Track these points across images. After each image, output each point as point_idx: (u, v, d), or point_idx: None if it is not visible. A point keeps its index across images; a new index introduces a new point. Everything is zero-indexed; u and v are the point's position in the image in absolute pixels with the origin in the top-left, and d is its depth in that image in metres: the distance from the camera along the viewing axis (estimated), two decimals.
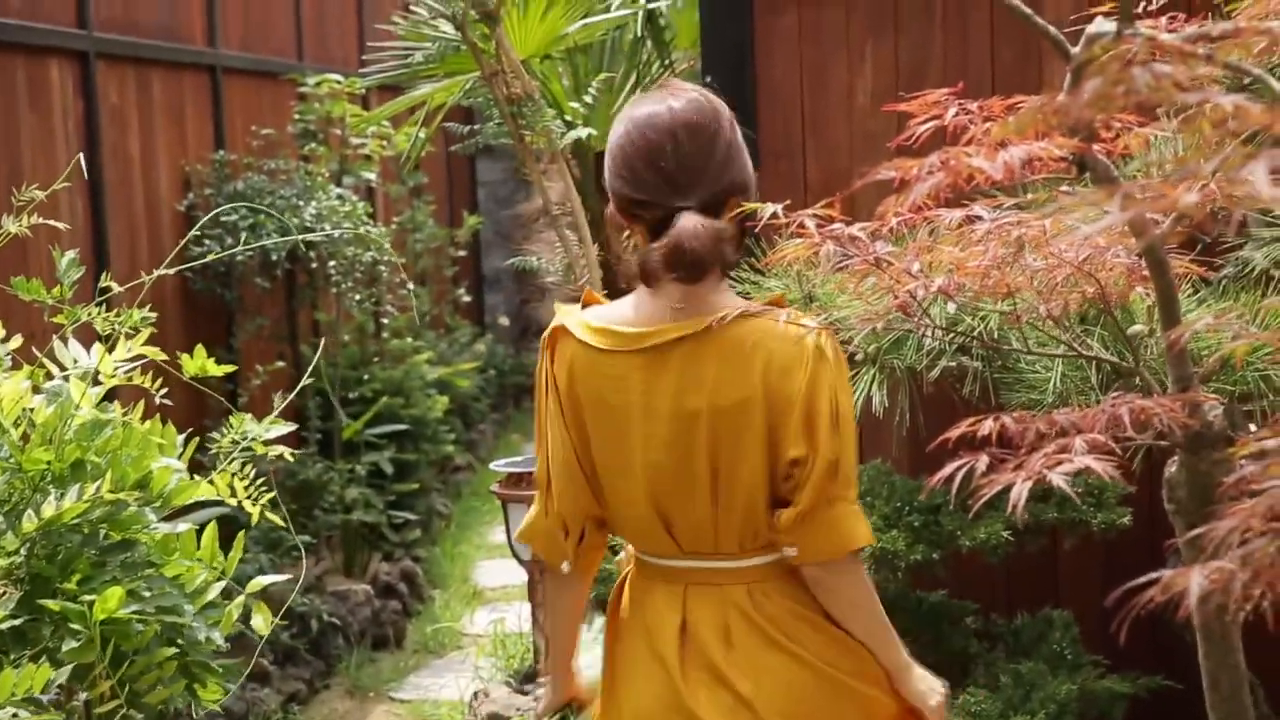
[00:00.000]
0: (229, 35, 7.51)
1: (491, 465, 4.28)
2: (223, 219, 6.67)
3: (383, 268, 7.69)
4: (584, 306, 2.71)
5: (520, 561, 4.22)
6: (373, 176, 8.05)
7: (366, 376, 8.02)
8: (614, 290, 4.59)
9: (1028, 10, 1.86)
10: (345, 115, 7.75)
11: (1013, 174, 1.73)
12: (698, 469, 2.57)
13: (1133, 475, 3.73)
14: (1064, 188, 2.09)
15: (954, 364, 3.69)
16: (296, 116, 7.77)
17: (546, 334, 2.68)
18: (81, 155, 3.48)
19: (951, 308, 2.44)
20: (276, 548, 6.35)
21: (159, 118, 6.59)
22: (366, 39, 9.66)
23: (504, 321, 12.49)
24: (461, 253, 10.51)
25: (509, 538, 4.27)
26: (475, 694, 5.98)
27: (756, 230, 2.52)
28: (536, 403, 2.71)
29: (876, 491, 4.06)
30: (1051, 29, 1.87)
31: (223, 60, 7.29)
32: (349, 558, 7.57)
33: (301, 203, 6.96)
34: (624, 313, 2.63)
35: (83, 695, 3.16)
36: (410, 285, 6.19)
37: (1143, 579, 1.64)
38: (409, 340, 8.47)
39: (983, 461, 1.95)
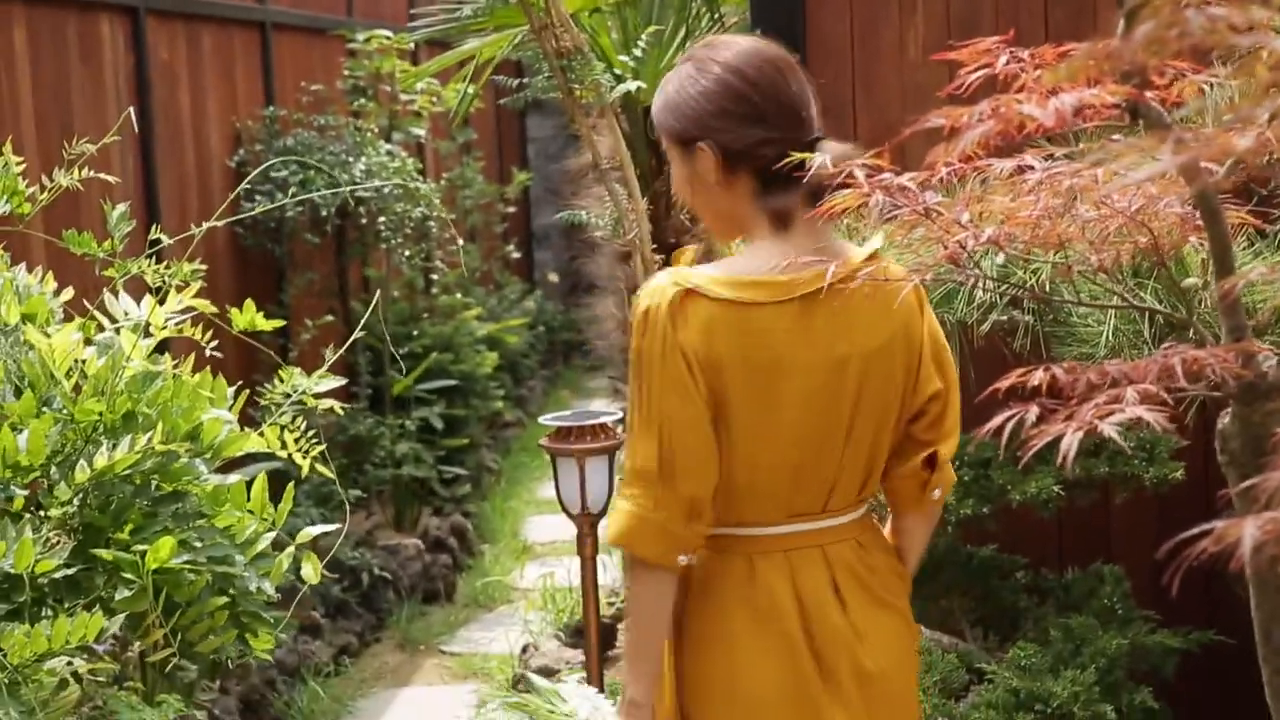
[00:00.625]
0: None
1: (541, 419, 4.29)
2: (273, 174, 6.70)
3: (432, 224, 7.70)
4: (678, 265, 2.63)
5: (570, 516, 4.22)
6: (422, 132, 8.05)
7: (416, 332, 8.04)
8: (662, 245, 4.58)
9: None
10: (395, 71, 7.75)
11: (1064, 121, 1.72)
12: (840, 417, 2.56)
13: (1186, 429, 3.73)
14: (1115, 136, 2.07)
15: (1004, 318, 3.67)
16: (346, 72, 7.78)
17: (664, 301, 2.49)
18: (132, 109, 3.49)
19: (1000, 259, 2.42)
20: (327, 502, 6.39)
21: (209, 74, 6.61)
22: None
23: (553, 278, 12.49)
24: (511, 209, 10.51)
25: (558, 492, 4.28)
26: (525, 647, 6.02)
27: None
28: (643, 383, 2.50)
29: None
30: None
31: (272, 16, 7.30)
32: (399, 512, 7.61)
33: (351, 159, 6.97)
34: (759, 264, 2.51)
35: (137, 646, 3.20)
36: (460, 241, 6.17)
37: (1195, 530, 1.63)
38: (458, 296, 8.49)
39: (1032, 412, 1.93)
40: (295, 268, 7.14)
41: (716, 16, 5.05)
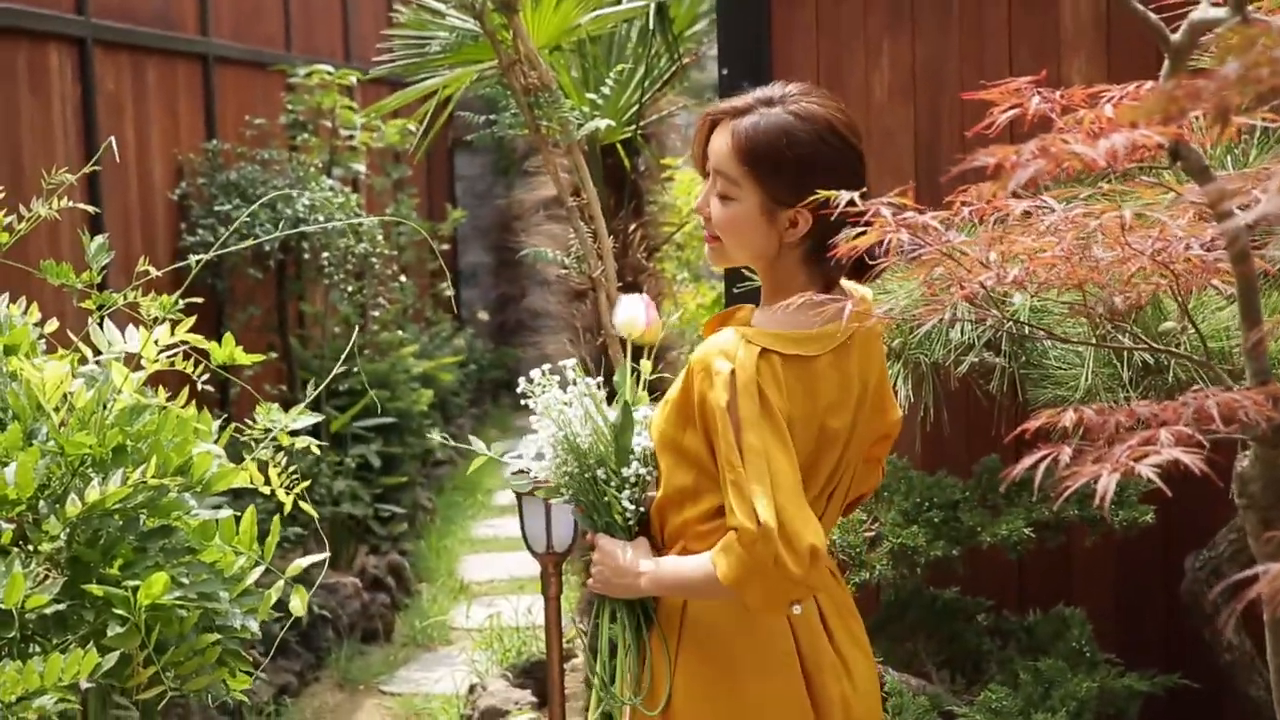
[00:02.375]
0: (220, 23, 7.45)
1: (503, 458, 4.24)
2: (216, 209, 6.63)
3: (374, 260, 7.65)
4: (722, 323, 2.75)
5: (535, 555, 4.18)
6: (362, 168, 8.01)
7: (355, 369, 7.98)
8: (630, 284, 4.58)
9: None
10: (335, 106, 7.71)
11: (1115, 160, 1.72)
12: (844, 451, 2.71)
13: (1194, 473, 3.75)
14: (1143, 177, 2.08)
15: (978, 360, 3.68)
16: (288, 107, 7.72)
17: (750, 362, 2.54)
18: (113, 140, 3.44)
19: (1017, 299, 2.42)
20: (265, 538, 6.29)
21: (153, 106, 6.54)
22: (352, 31, 9.64)
23: (483, 316, 12.45)
24: (444, 246, 10.47)
25: (523, 531, 4.23)
26: (472, 687, 5.96)
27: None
28: (743, 441, 2.53)
29: (894, 487, 4.05)
30: (1151, 14, 1.85)
31: (215, 49, 7.24)
32: (336, 550, 7.53)
33: (294, 193, 6.91)
34: (808, 319, 2.59)
35: (83, 684, 3.13)
36: (403, 278, 6.14)
37: (1249, 572, 1.63)
38: (397, 333, 8.43)
39: (1066, 453, 1.94)
40: (235, 303, 7.06)
41: (676, 56, 5.06)
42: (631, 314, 2.89)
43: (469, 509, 9.20)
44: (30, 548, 2.58)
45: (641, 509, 2.78)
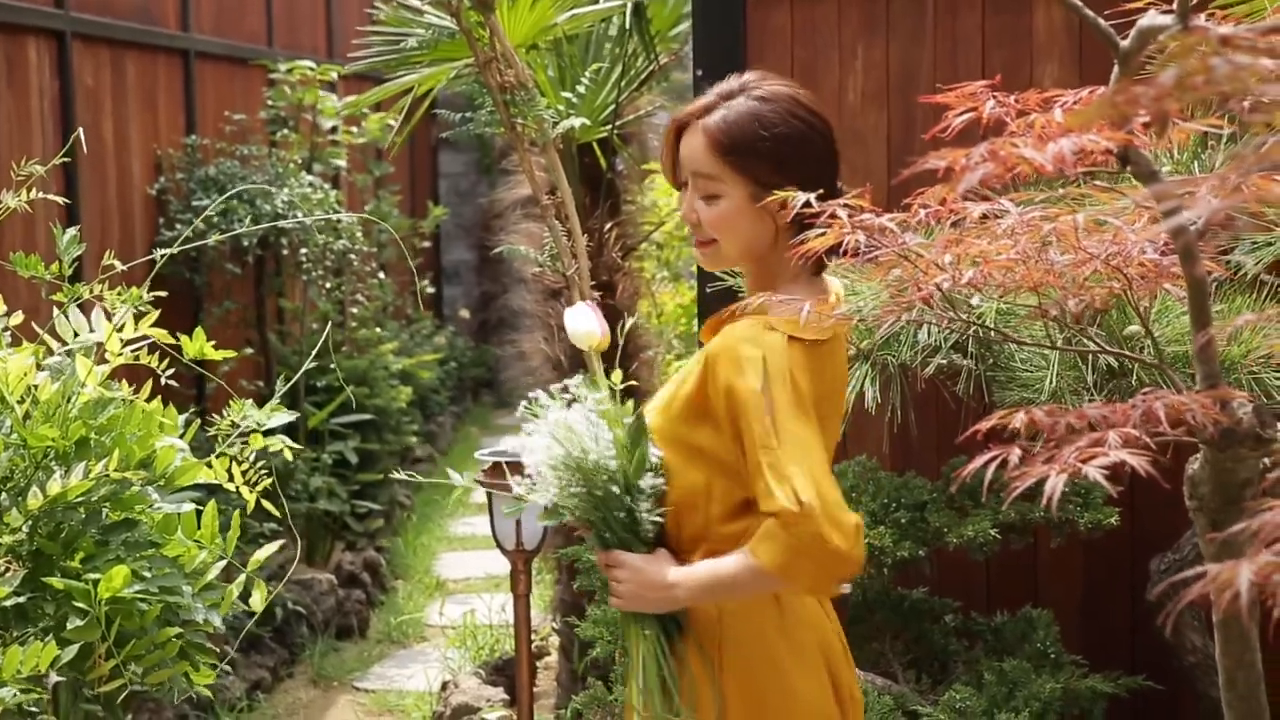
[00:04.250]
0: (201, 19, 7.45)
1: (477, 454, 4.26)
2: (194, 203, 6.63)
3: (353, 256, 7.65)
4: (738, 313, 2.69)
5: (505, 552, 4.20)
6: (343, 164, 8.01)
7: (332, 365, 7.98)
8: (596, 281, 4.58)
9: (1077, 2, 1.87)
10: (316, 102, 7.71)
11: (1064, 164, 1.74)
12: (832, 441, 2.75)
13: (1122, 474, 3.77)
14: (1096, 181, 2.10)
15: (945, 361, 3.70)
16: (269, 103, 7.73)
17: (778, 347, 2.55)
18: (80, 131, 3.44)
19: (976, 300, 2.44)
20: (244, 534, 6.29)
21: (132, 101, 6.54)
22: (335, 27, 9.64)
23: (464, 314, 12.46)
24: (426, 244, 10.47)
25: (493, 528, 4.26)
26: (444, 684, 5.97)
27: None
28: (779, 425, 2.52)
29: (862, 488, 4.07)
30: (1101, 21, 1.87)
31: (195, 44, 7.24)
32: (312, 547, 7.54)
33: (273, 189, 6.91)
34: (806, 306, 2.57)
35: (52, 678, 3.14)
36: (381, 275, 6.16)
37: (1191, 572, 1.64)
38: (376, 330, 8.44)
39: (1015, 454, 1.95)
40: (213, 297, 7.06)
41: (653, 56, 5.07)
42: (586, 327, 2.84)
43: (447, 507, 9.20)
44: None
45: (661, 519, 2.68)
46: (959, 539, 3.87)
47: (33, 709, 2.88)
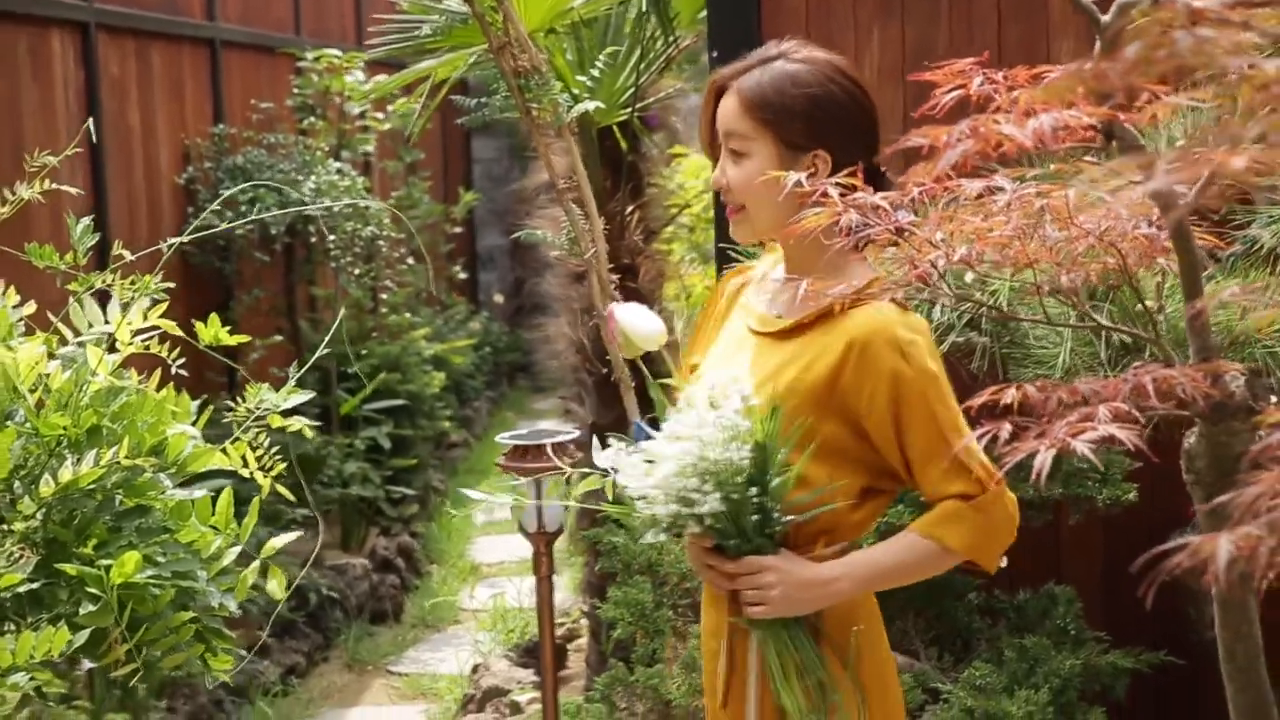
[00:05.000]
0: (228, 9, 7.49)
1: (497, 438, 4.29)
2: (222, 192, 6.67)
3: (381, 243, 7.68)
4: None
5: (526, 535, 4.22)
6: (371, 149, 8.05)
7: (364, 352, 8.03)
8: (616, 265, 4.59)
9: None
10: (344, 90, 7.74)
11: (1043, 141, 1.74)
12: None
13: (1138, 450, 3.77)
14: (1088, 157, 2.10)
15: (962, 339, 3.70)
16: (295, 90, 7.76)
17: (925, 328, 2.60)
18: (91, 121, 3.47)
19: (970, 278, 2.44)
20: (276, 520, 6.35)
21: (159, 91, 6.58)
22: (364, 14, 9.67)
23: (499, 299, 12.49)
24: (457, 229, 10.50)
25: (514, 511, 4.28)
26: (475, 667, 6.01)
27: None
28: (950, 400, 2.58)
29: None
30: None
31: (222, 34, 7.28)
32: (346, 532, 7.59)
33: (300, 177, 6.95)
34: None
35: (85, 664, 3.17)
36: (411, 260, 6.21)
37: (1168, 545, 1.65)
38: (406, 316, 8.47)
39: (1006, 429, 1.96)
40: (243, 285, 7.11)
41: (671, 39, 5.07)
42: (649, 327, 2.76)
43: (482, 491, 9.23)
44: (5, 527, 2.62)
45: (792, 518, 2.52)
46: None
47: (49, 693, 2.92)
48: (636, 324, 2.77)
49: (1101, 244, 2.18)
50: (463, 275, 10.80)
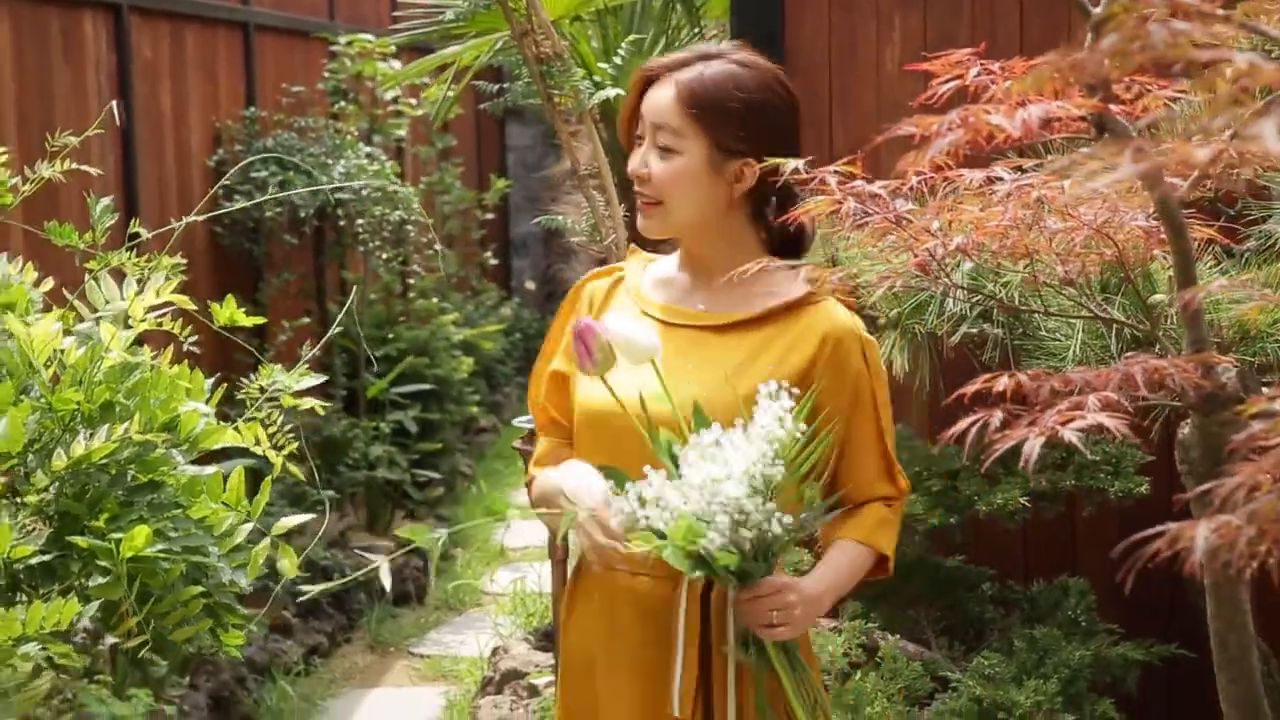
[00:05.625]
0: None
1: (515, 422, 4.32)
2: (252, 174, 6.72)
3: (410, 228, 7.72)
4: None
5: (542, 518, 4.24)
6: (403, 134, 8.09)
7: (392, 336, 8.07)
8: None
9: None
10: (376, 74, 7.78)
11: (1031, 132, 1.76)
12: None
13: (1151, 443, 3.77)
14: (1084, 150, 2.11)
15: (975, 330, 3.71)
16: (327, 74, 7.81)
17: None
18: (116, 103, 3.51)
19: (968, 266, 2.46)
20: (300, 502, 6.40)
21: (191, 73, 6.63)
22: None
23: (530, 285, 12.53)
24: (489, 216, 10.54)
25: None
26: (494, 650, 6.04)
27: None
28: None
29: (896, 455, 4.09)
30: None
31: (255, 17, 7.33)
32: (372, 515, 7.64)
33: (330, 161, 6.99)
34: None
35: (108, 639, 3.21)
36: (439, 246, 6.25)
37: (1150, 531, 1.67)
38: (435, 301, 8.51)
39: (996, 417, 1.98)
40: (272, 268, 7.16)
41: (697, 29, 5.09)
42: (646, 340, 2.44)
43: (509, 476, 9.28)
44: (19, 500, 2.66)
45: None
46: (989, 506, 3.89)
47: (67, 666, 2.97)
48: (633, 336, 2.45)
49: (1099, 235, 2.20)
50: (494, 261, 10.84)
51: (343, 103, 7.75)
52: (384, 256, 7.56)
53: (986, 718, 3.69)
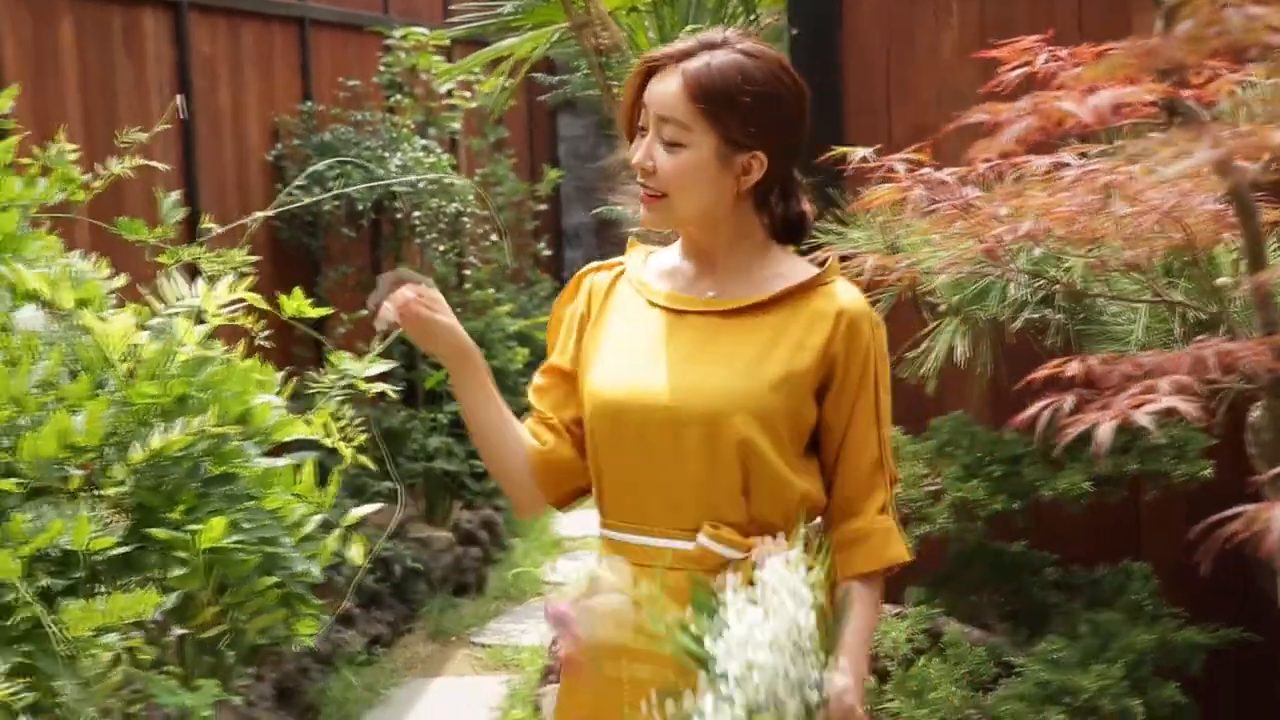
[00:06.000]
0: None
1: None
2: (310, 169, 6.76)
3: (466, 219, 7.76)
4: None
5: None
6: (457, 127, 8.13)
7: None
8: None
9: None
10: (430, 67, 7.83)
11: (1102, 118, 1.77)
12: None
13: (1216, 427, 3.77)
14: (1153, 134, 2.12)
15: (1036, 316, 3.72)
16: (383, 68, 7.85)
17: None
18: (180, 98, 3.56)
19: (1037, 252, 2.47)
20: (363, 492, 6.45)
21: (249, 69, 6.69)
22: None
23: None
24: (542, 207, 10.57)
25: None
26: (555, 639, 6.08)
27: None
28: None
29: (957, 442, 4.10)
30: None
31: (311, 12, 7.38)
32: (431, 505, 7.69)
33: (387, 154, 7.04)
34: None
35: (175, 631, 3.26)
36: (495, 237, 6.29)
37: (1225, 514, 1.68)
38: (490, 292, 8.55)
39: (1069, 401, 1.99)
40: (330, 261, 7.21)
41: (753, 17, 5.11)
42: (613, 625, 2.33)
43: None
44: (97, 493, 2.70)
45: None
46: (1052, 491, 3.89)
47: (140, 658, 3.02)
48: (599, 629, 2.36)
49: (1168, 219, 2.20)
50: (547, 252, 10.88)
51: (398, 96, 7.79)
52: (441, 248, 7.60)
53: (1051, 702, 3.69)
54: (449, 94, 8.13)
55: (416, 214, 7.40)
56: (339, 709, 5.80)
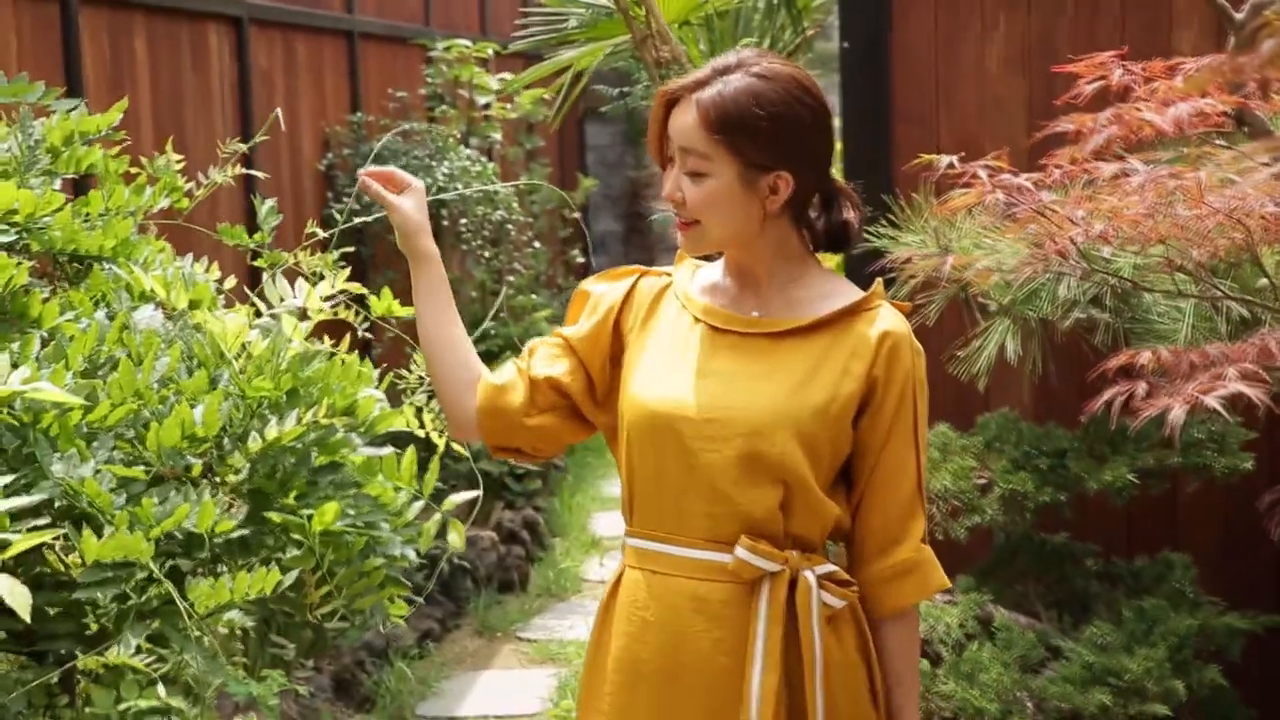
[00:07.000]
0: (365, 2, 7.78)
1: None
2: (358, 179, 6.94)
3: (510, 226, 7.94)
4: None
5: None
6: (498, 137, 8.31)
7: (494, 332, 8.30)
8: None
9: None
10: (472, 78, 8.01)
11: (1181, 127, 1.94)
12: None
13: (1257, 421, 3.94)
14: (1217, 141, 2.29)
15: (1084, 315, 3.89)
16: (428, 79, 8.04)
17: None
18: (278, 111, 3.74)
19: (1107, 252, 2.64)
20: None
21: (302, 81, 6.88)
22: (488, 6, 9.94)
23: None
24: (576, 214, 10.75)
25: None
26: None
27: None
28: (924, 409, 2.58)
29: (1004, 437, 4.27)
30: None
31: (359, 26, 7.57)
32: (472, 505, 7.85)
33: (434, 163, 7.22)
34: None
35: (247, 622, 3.42)
36: (537, 244, 6.46)
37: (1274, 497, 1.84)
38: (531, 297, 8.73)
39: (1141, 388, 2.16)
40: (377, 268, 7.39)
41: (800, 30, 5.28)
42: None
43: (600, 469, 9.52)
44: (217, 480, 2.88)
45: None
46: (1098, 484, 4.05)
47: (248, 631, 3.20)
48: None
49: (1229, 221, 2.37)
50: (580, 260, 11.06)
51: (442, 106, 7.97)
52: (485, 255, 7.78)
53: (1098, 683, 3.86)
54: (488, 106, 8.32)
55: (464, 221, 7.58)
56: (393, 700, 5.98)
